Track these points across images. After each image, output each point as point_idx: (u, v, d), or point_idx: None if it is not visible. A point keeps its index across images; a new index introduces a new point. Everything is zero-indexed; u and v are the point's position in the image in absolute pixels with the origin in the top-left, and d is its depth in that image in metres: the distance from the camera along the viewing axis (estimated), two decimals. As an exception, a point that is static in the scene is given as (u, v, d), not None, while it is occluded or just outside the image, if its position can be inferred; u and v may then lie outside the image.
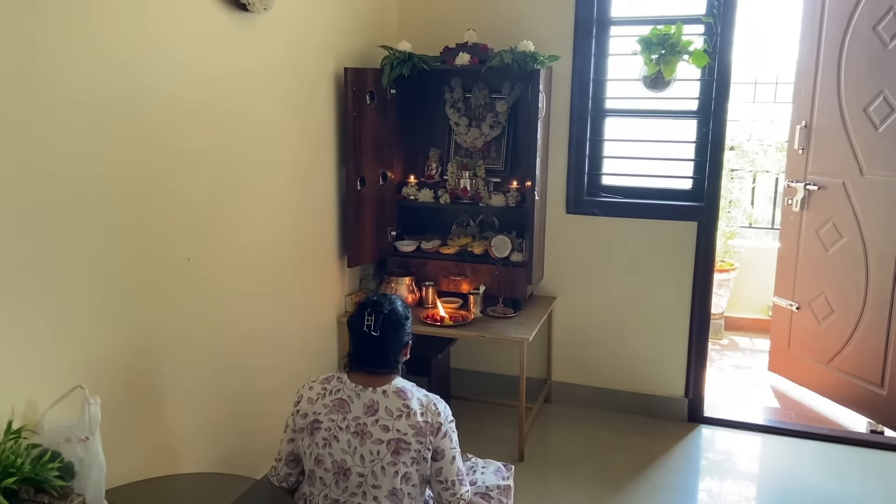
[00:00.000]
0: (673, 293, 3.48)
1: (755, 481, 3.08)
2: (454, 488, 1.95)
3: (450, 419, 1.99)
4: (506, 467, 2.34)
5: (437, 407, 1.96)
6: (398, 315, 2.03)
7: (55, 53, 1.76)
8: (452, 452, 1.96)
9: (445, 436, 1.95)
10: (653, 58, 3.23)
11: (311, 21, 2.86)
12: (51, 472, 1.63)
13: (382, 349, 1.99)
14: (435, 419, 1.93)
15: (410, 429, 1.90)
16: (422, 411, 1.93)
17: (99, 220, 1.93)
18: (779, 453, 3.30)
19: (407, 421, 1.90)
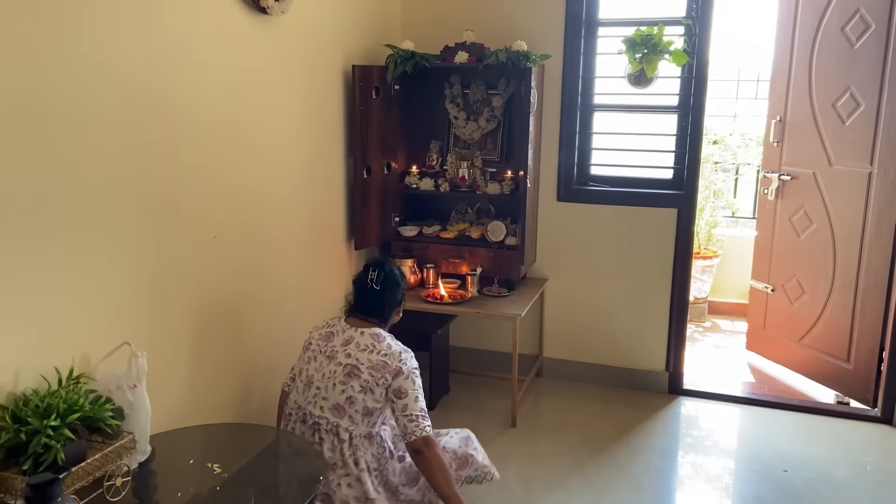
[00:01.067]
0: (655, 275, 3.76)
1: (728, 445, 3.36)
2: (417, 421, 2.26)
3: (414, 368, 2.35)
4: (469, 441, 2.54)
5: (403, 356, 2.33)
6: (395, 275, 2.47)
7: (101, 55, 2.02)
8: (415, 393, 2.30)
9: (407, 378, 2.31)
10: (636, 57, 3.51)
11: (323, 22, 3.13)
12: (106, 411, 1.90)
13: (380, 301, 2.43)
14: (395, 363, 2.31)
15: (367, 362, 2.30)
16: (385, 353, 2.32)
17: (145, 206, 2.20)
18: (751, 421, 3.58)
19: (367, 355, 2.32)
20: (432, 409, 3.57)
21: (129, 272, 2.20)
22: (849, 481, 3.02)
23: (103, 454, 1.86)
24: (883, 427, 3.49)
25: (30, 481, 1.51)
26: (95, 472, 1.84)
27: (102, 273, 2.10)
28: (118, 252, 2.14)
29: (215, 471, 2.05)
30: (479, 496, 2.85)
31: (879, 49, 3.45)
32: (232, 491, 1.97)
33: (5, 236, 1.78)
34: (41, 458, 1.73)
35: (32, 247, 1.87)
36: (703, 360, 4.36)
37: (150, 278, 2.28)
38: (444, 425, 3.31)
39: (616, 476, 3.03)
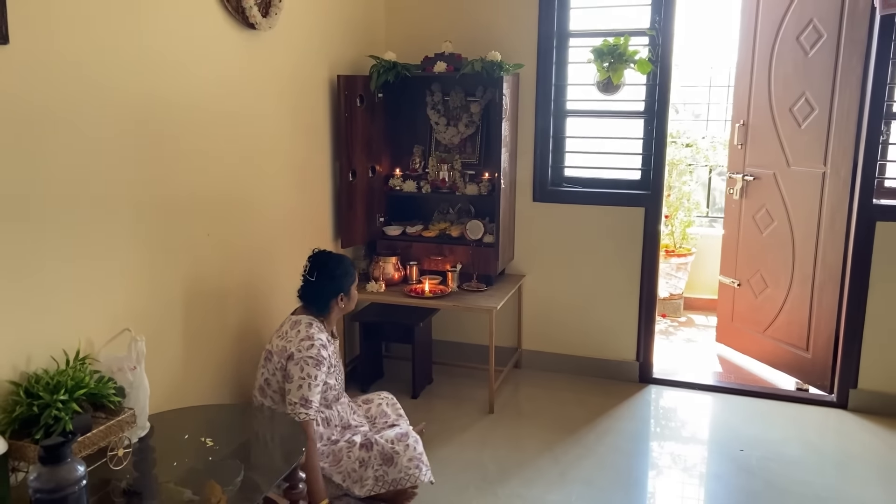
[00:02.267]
0: (625, 270, 3.99)
1: (690, 428, 3.58)
2: (294, 408, 2.54)
3: (308, 356, 2.58)
4: (403, 438, 2.70)
5: (302, 344, 2.60)
6: (330, 268, 2.73)
7: (99, 69, 2.25)
8: (300, 381, 2.56)
9: (297, 364, 2.57)
10: (604, 66, 3.74)
11: (309, 35, 3.36)
12: (109, 389, 2.12)
13: (314, 291, 2.74)
14: (292, 348, 2.60)
15: (277, 347, 2.64)
16: (290, 339, 2.63)
17: (143, 206, 2.43)
18: (714, 407, 3.81)
19: (279, 341, 2.65)
20: (415, 398, 3.79)
21: (129, 265, 2.42)
22: (800, 459, 3.24)
23: (106, 427, 2.07)
24: (838, 411, 3.71)
25: (43, 443, 1.72)
26: (99, 442, 2.05)
27: (105, 265, 2.32)
28: (118, 248, 2.37)
29: (208, 444, 2.28)
30: (454, 473, 3.08)
31: (831, 57, 3.69)
32: (223, 461, 2.19)
33: (18, 234, 2.00)
34: (52, 429, 1.94)
35: (43, 243, 2.09)
36: (676, 352, 4.58)
37: (147, 271, 2.50)
38: (429, 414, 3.56)
39: (583, 455, 3.25)
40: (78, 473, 1.76)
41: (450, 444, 3.33)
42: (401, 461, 2.64)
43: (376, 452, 2.66)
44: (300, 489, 2.32)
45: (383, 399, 3.11)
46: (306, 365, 2.57)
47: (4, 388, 1.98)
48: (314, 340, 2.62)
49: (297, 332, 2.64)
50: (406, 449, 2.66)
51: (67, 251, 2.18)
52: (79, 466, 1.77)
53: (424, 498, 2.91)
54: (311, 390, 2.57)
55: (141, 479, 2.14)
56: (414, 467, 2.65)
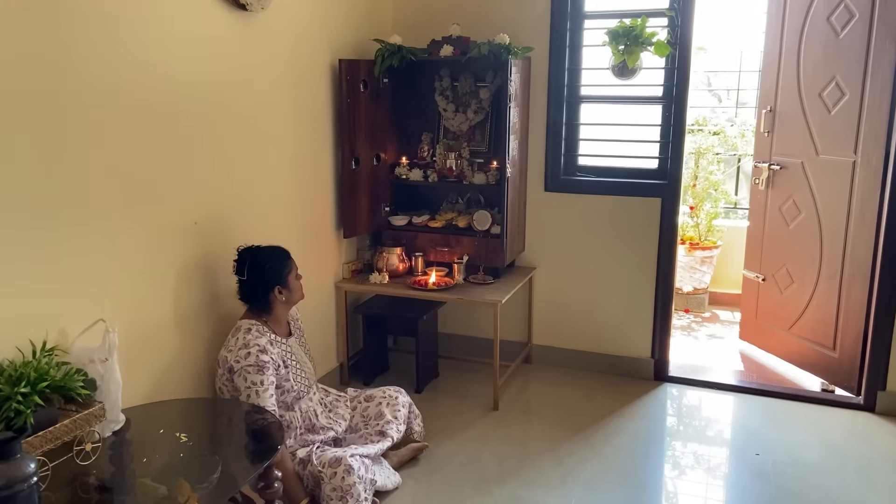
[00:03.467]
0: (640, 263, 3.82)
1: (704, 429, 3.41)
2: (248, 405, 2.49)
3: (248, 364, 2.51)
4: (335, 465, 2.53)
5: (240, 353, 2.53)
6: (259, 263, 2.63)
7: (84, 54, 2.17)
8: (247, 392, 2.50)
9: (240, 376, 2.52)
10: (619, 48, 3.57)
11: (308, 18, 3.25)
12: (76, 382, 2.05)
13: (248, 289, 2.67)
14: (231, 358, 2.54)
15: (221, 357, 2.59)
16: (229, 348, 2.56)
17: (127, 191, 2.35)
18: (732, 408, 3.62)
19: (223, 350, 2.60)
20: (419, 392, 3.68)
21: (111, 254, 2.35)
22: (819, 463, 3.05)
23: (72, 420, 2.00)
24: (864, 414, 3.50)
25: (-9, 439, 1.66)
26: (64, 436, 1.98)
27: (84, 254, 2.25)
28: (100, 235, 2.29)
29: (182, 439, 2.20)
30: (451, 471, 2.97)
31: (863, 38, 3.46)
32: (202, 458, 2.11)
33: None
34: (13, 423, 1.88)
35: (18, 227, 2.03)
36: (698, 349, 4.39)
37: (131, 261, 2.42)
38: (432, 410, 3.46)
39: (588, 456, 3.11)
40: (28, 470, 1.70)
41: (450, 441, 3.22)
42: (325, 487, 2.50)
43: (310, 471, 2.56)
44: (276, 488, 2.23)
45: (385, 398, 3.01)
46: (248, 374, 2.51)
47: (-34, 379, 1.92)
48: (250, 348, 2.54)
49: (235, 340, 2.58)
50: (333, 476, 2.50)
51: (45, 236, 2.11)
52: (30, 463, 1.71)
53: (417, 496, 2.82)
54: (260, 397, 2.50)
55: (113, 474, 2.08)
56: (337, 498, 2.48)
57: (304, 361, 2.81)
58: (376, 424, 2.92)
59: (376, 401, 3.01)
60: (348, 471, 2.49)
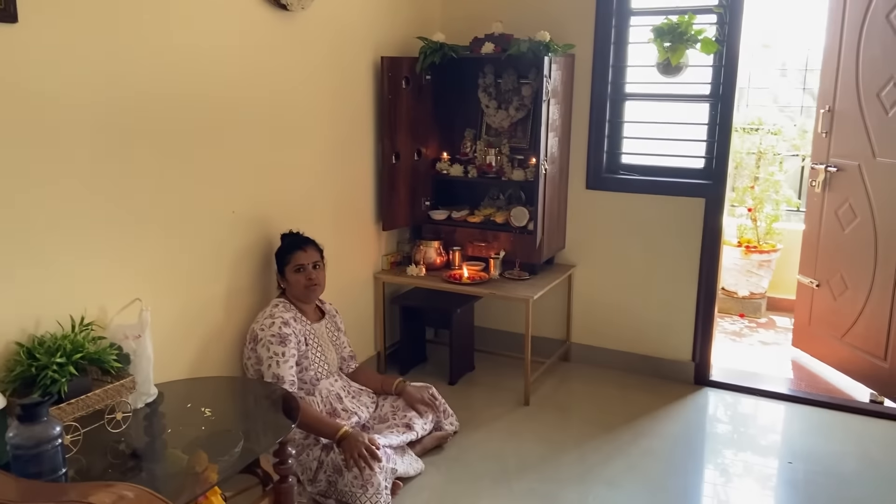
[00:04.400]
0: (682, 264, 3.76)
1: (738, 435, 3.33)
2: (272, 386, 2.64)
3: (271, 335, 2.70)
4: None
5: (265, 322, 2.73)
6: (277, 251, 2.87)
7: (136, 50, 2.34)
8: (268, 361, 2.69)
9: (263, 346, 2.68)
10: (664, 46, 3.53)
11: (351, 17, 3.36)
12: (110, 355, 2.21)
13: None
14: (256, 327, 2.74)
15: (250, 328, 2.79)
16: (257, 319, 2.75)
17: (168, 183, 2.52)
18: (774, 415, 3.53)
19: (253, 323, 2.80)
20: (453, 384, 3.75)
21: (153, 239, 2.51)
22: (854, 475, 2.95)
23: (103, 390, 2.16)
24: (913, 429, 3.36)
25: (20, 402, 1.82)
26: (96, 405, 2.15)
27: (126, 238, 2.42)
28: (143, 221, 2.46)
29: (206, 414, 2.34)
30: (473, 462, 3.02)
31: (923, 35, 3.31)
32: (225, 432, 2.23)
33: (37, 206, 2.12)
34: (48, 390, 2.05)
35: (69, 211, 2.21)
36: (748, 355, 4.29)
37: (172, 246, 2.58)
38: (463, 401, 3.52)
39: (612, 455, 3.10)
40: (54, 432, 1.85)
41: (476, 433, 3.27)
42: (346, 476, 2.58)
43: (332, 458, 2.64)
44: (289, 464, 2.34)
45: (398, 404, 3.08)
46: (271, 344, 2.68)
47: (10, 348, 2.10)
48: (274, 318, 2.73)
49: (263, 313, 2.78)
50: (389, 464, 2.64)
51: (92, 225, 2.29)
52: (56, 426, 1.86)
53: (435, 484, 2.89)
54: (280, 367, 2.66)
55: (141, 443, 2.23)
56: (357, 486, 2.56)
57: (326, 349, 2.92)
58: (403, 416, 3.00)
59: (389, 401, 3.10)
60: None
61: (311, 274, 2.87)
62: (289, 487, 2.36)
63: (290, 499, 2.37)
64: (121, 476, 2.02)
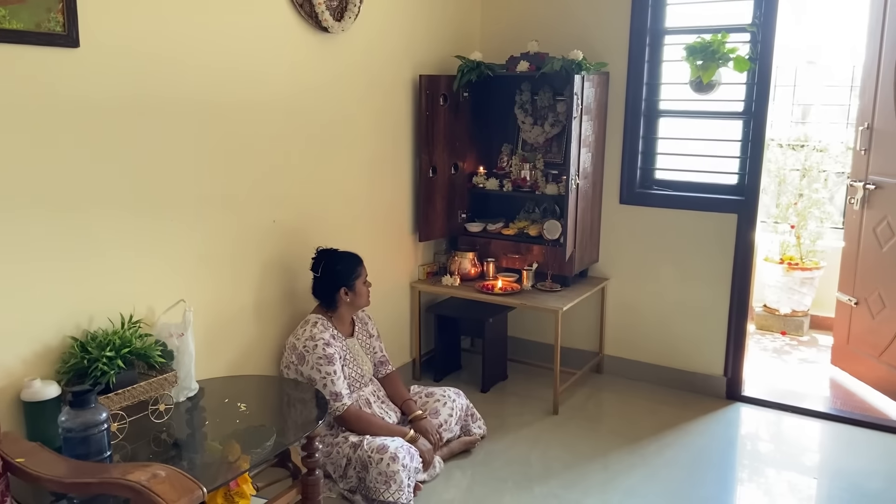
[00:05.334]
0: (715, 279, 3.79)
1: (764, 450, 3.34)
2: (330, 406, 2.80)
3: (318, 357, 2.83)
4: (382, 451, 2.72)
5: (308, 344, 2.86)
6: (331, 264, 2.95)
7: (172, 69, 2.55)
8: (323, 381, 2.84)
9: (313, 368, 2.83)
10: (696, 64, 3.59)
11: (390, 38, 3.53)
12: (155, 351, 2.40)
13: (319, 286, 3.01)
14: (299, 345, 2.88)
15: (289, 343, 2.93)
16: (297, 336, 2.90)
17: (211, 192, 2.72)
18: (804, 432, 3.51)
19: (291, 337, 2.95)
20: (484, 392, 3.85)
21: (199, 245, 2.71)
22: (879, 494, 2.93)
23: (147, 383, 2.36)
24: (949, 450, 3.30)
25: (71, 389, 2.02)
26: (140, 396, 2.34)
27: (175, 243, 2.62)
28: (191, 227, 2.66)
29: (241, 409, 2.51)
30: (498, 467, 3.12)
31: (961, 52, 3.29)
32: (258, 426, 2.41)
33: (96, 217, 2.33)
34: (98, 381, 2.25)
35: (127, 218, 2.43)
36: (786, 372, 4.27)
37: (216, 252, 2.78)
38: (493, 409, 3.63)
39: (636, 465, 3.16)
40: (101, 417, 2.04)
41: (503, 439, 3.37)
42: (372, 472, 2.69)
43: (359, 455, 2.76)
44: (316, 458, 2.49)
45: (444, 397, 3.22)
46: (320, 366, 2.84)
47: (66, 342, 2.31)
48: (317, 340, 2.87)
49: (303, 332, 2.91)
50: (379, 462, 2.68)
51: (142, 231, 2.50)
52: (102, 412, 2.05)
53: (460, 486, 2.99)
54: (335, 384, 2.83)
55: (181, 433, 2.41)
56: (381, 482, 2.67)
57: (360, 362, 3.08)
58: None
59: (435, 397, 3.22)
60: (393, 458, 2.70)
61: (369, 285, 3.10)
62: (316, 480, 2.51)
63: (317, 491, 2.52)
64: (162, 462, 2.19)
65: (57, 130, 2.21)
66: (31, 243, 2.20)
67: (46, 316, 2.27)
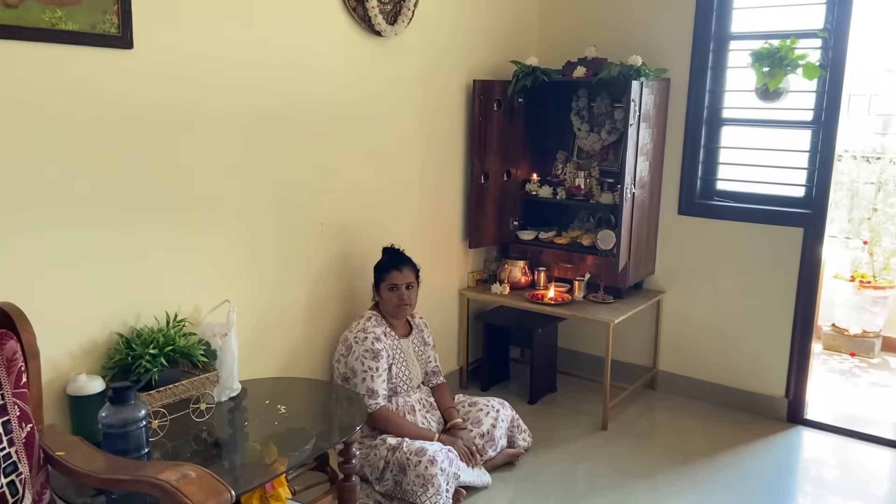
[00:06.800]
0: (778, 296, 3.62)
1: (823, 476, 3.15)
2: (364, 400, 2.79)
3: (364, 350, 2.84)
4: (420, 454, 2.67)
5: (358, 335, 2.88)
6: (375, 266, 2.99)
7: (225, 73, 2.57)
8: (363, 375, 2.84)
9: (357, 359, 2.82)
10: (763, 71, 3.44)
11: (444, 42, 3.50)
12: (198, 350, 2.42)
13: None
14: (350, 336, 2.90)
15: (343, 334, 2.95)
16: (352, 328, 2.94)
17: (268, 195, 2.74)
18: (869, 459, 3.31)
19: (346, 330, 2.97)
20: (532, 404, 3.77)
21: (247, 246, 2.73)
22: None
23: (189, 381, 2.37)
24: None
25: (111, 385, 2.05)
26: (182, 394, 2.35)
27: (223, 244, 2.65)
28: (239, 228, 2.69)
29: (281, 411, 2.51)
30: (542, 482, 3.04)
31: None
32: (298, 429, 2.40)
33: (149, 220, 2.37)
34: (140, 378, 2.27)
35: (176, 220, 2.48)
36: (856, 396, 4.04)
37: (263, 253, 2.80)
38: (540, 422, 3.56)
39: (686, 487, 3.03)
40: (140, 414, 2.06)
41: (549, 453, 3.28)
42: (409, 475, 2.65)
43: (397, 457, 2.71)
44: (353, 464, 2.46)
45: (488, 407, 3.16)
46: (365, 359, 2.83)
47: (113, 338, 2.35)
48: (367, 333, 2.87)
49: (356, 323, 2.93)
50: (417, 465, 2.64)
51: (185, 233, 2.53)
52: (142, 409, 2.07)
53: (502, 499, 2.92)
54: (374, 381, 2.81)
55: (222, 433, 2.41)
56: (418, 486, 2.62)
57: (411, 365, 3.05)
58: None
59: (478, 407, 3.16)
60: (432, 461, 2.65)
61: (403, 294, 2.99)
62: (352, 485, 2.49)
63: (353, 496, 2.49)
64: (200, 461, 2.20)
65: (110, 132, 2.26)
66: (84, 242, 2.24)
67: (95, 312, 2.31)
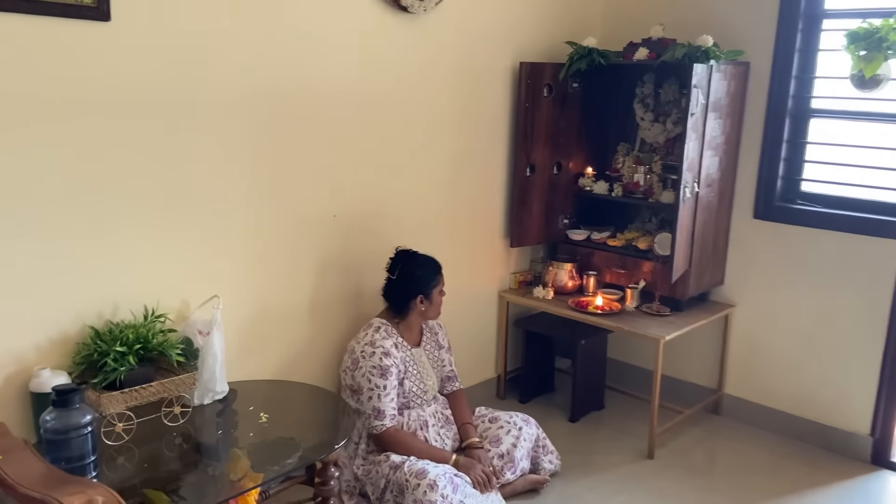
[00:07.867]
0: (867, 318, 3.09)
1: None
2: (370, 420, 2.58)
3: (372, 366, 2.55)
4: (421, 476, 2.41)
5: (365, 350, 2.58)
6: (412, 268, 2.64)
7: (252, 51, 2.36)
8: (369, 393, 2.56)
9: (364, 375, 2.52)
10: (858, 54, 2.92)
11: (485, 19, 3.16)
12: (174, 349, 2.23)
13: (393, 290, 2.71)
14: (357, 349, 2.60)
15: (350, 346, 2.66)
16: (358, 339, 2.59)
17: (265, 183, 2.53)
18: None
19: (353, 340, 2.67)
20: (574, 421, 3.41)
21: (247, 238, 2.54)
22: None
23: (160, 383, 2.18)
24: None
25: (55, 387, 1.88)
26: (152, 396, 2.17)
27: (220, 234, 2.47)
28: (238, 219, 2.50)
29: (262, 420, 2.29)
30: (562, 517, 2.70)
31: None
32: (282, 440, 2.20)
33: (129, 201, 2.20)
34: (108, 376, 2.11)
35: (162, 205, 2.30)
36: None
37: (265, 245, 2.60)
38: (578, 442, 3.25)
39: (735, 537, 2.61)
40: (83, 420, 1.88)
41: (582, 480, 2.92)
42: (407, 498, 2.40)
43: (397, 477, 2.45)
44: (331, 486, 2.21)
45: (509, 424, 2.83)
46: (372, 376, 2.57)
47: (85, 331, 2.20)
48: (375, 347, 2.59)
49: (365, 335, 2.64)
50: (416, 489, 2.38)
51: (172, 220, 2.35)
52: (87, 415, 1.89)
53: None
54: (380, 400, 2.55)
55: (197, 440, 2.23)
56: None
57: (425, 375, 2.76)
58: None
59: (498, 423, 2.85)
60: (431, 486, 2.37)
61: (443, 295, 2.81)
62: (330, 510, 2.24)
63: (331, 523, 2.24)
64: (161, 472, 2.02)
65: (86, 109, 2.09)
66: (56, 222, 2.09)
67: (67, 301, 2.16)
